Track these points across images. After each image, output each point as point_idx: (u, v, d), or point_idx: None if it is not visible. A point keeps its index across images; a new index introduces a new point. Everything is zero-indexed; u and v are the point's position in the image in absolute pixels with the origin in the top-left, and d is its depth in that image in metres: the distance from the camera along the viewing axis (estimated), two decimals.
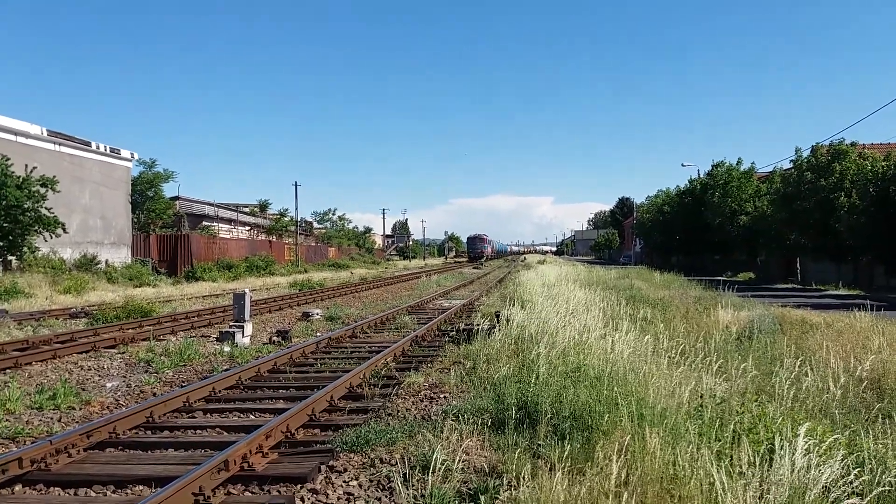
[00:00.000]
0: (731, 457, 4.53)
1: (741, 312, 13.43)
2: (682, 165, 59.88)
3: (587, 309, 12.01)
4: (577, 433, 5.44)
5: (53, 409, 7.67)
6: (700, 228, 49.33)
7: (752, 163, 47.60)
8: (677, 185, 61.01)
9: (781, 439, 4.38)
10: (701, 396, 5.94)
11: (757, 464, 4.24)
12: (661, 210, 62.19)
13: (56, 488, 5.26)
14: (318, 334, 13.78)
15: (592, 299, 14.21)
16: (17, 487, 5.25)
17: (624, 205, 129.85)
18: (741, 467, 4.24)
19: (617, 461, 4.18)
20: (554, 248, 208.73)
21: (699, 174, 52.97)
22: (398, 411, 7.18)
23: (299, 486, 5.13)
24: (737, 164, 47.66)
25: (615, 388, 5.89)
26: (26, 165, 27.40)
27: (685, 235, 53.99)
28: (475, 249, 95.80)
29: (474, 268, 63.08)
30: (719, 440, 4.87)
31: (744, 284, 33.43)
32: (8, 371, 9.94)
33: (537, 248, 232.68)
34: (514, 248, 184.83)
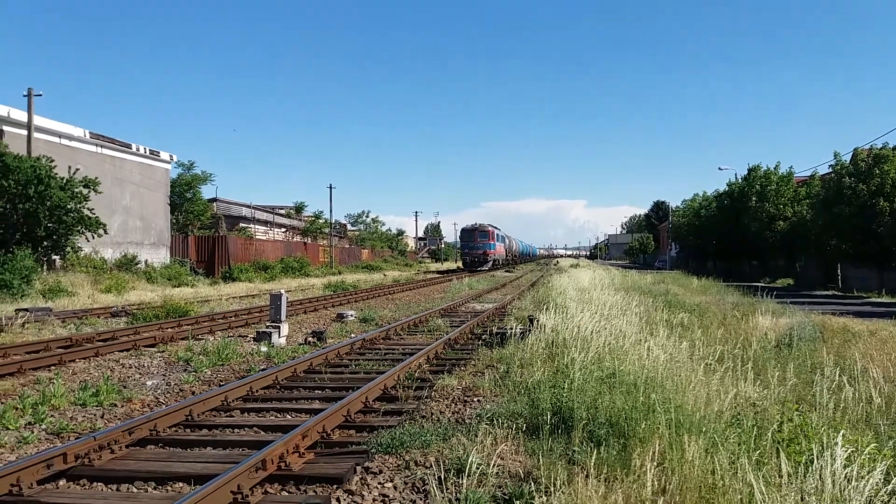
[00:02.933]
0: (772, 466, 4.46)
1: (780, 319, 13.18)
2: (719, 169, 59.31)
3: (622, 314, 11.91)
4: (613, 440, 5.40)
5: (96, 406, 7.86)
6: (737, 233, 48.48)
7: (791, 167, 46.71)
8: (715, 189, 60.07)
9: (822, 449, 4.30)
10: (740, 404, 5.86)
11: (798, 474, 4.16)
12: (697, 214, 61.31)
13: (99, 483, 5.39)
14: (353, 335, 13.89)
15: (627, 304, 14.08)
16: (62, 482, 5.39)
17: (659, 208, 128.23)
18: (781, 477, 4.17)
19: (654, 469, 4.15)
20: (587, 252, 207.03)
21: (736, 178, 52.06)
22: (432, 414, 7.20)
23: (335, 486, 5.18)
24: (774, 168, 46.79)
25: (652, 395, 5.83)
26: (69, 167, 28.13)
27: (722, 240, 53.12)
28: (472, 250, 59.59)
29: (506, 271, 62.69)
30: (759, 449, 4.80)
31: (782, 291, 32.78)
32: (53, 368, 10.22)
33: (570, 251, 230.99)
34: (543, 252, 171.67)
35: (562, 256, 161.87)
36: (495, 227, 64.56)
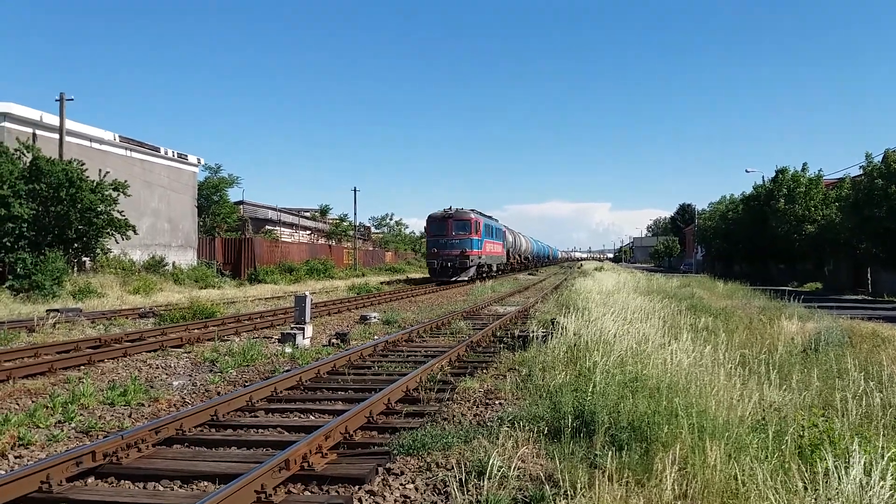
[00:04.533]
0: (794, 472, 4.41)
1: (808, 324, 13.00)
2: (747, 171, 58.15)
3: (646, 317, 11.83)
4: (635, 444, 5.38)
5: (124, 406, 8.00)
6: (764, 236, 47.86)
7: (820, 169, 46.03)
8: (742, 192, 59.40)
9: (847, 455, 4.25)
10: (764, 409, 5.80)
11: (822, 480, 4.12)
12: (724, 217, 60.65)
13: (126, 481, 5.48)
14: (376, 337, 13.97)
15: (652, 308, 13.98)
16: (91, 480, 5.48)
17: (685, 211, 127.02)
18: (805, 483, 4.12)
19: (676, 473, 4.13)
20: (611, 255, 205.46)
21: (763, 180, 51.39)
22: (453, 416, 7.22)
23: (357, 487, 5.22)
24: (802, 170, 46.13)
25: (675, 399, 5.80)
26: (100, 170, 28.65)
27: (749, 243, 52.47)
28: (443, 249, 39.58)
29: (529, 274, 61.94)
30: (781, 455, 4.75)
31: (810, 295, 32.27)
32: (82, 367, 10.43)
33: (593, 255, 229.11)
34: (564, 254, 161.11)
35: (584, 259, 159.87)
36: (485, 216, 43.70)
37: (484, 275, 43.49)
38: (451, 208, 40.38)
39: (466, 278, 38.82)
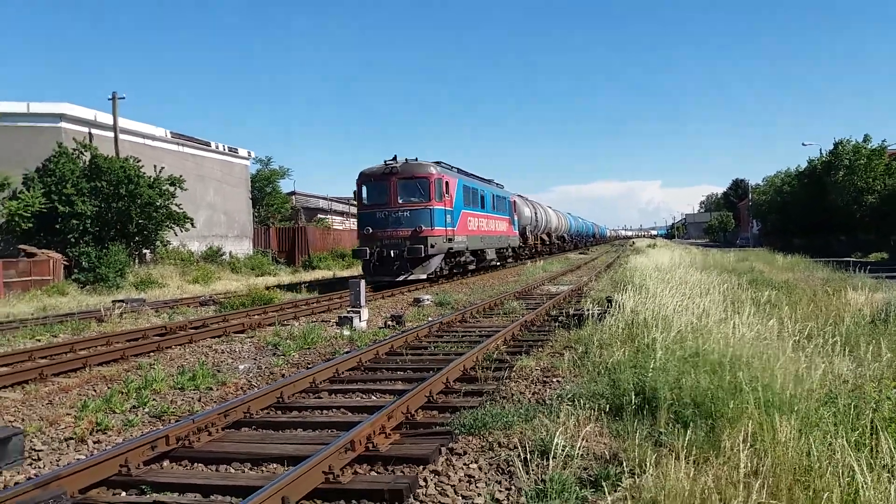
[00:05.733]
0: (870, 447, 4.29)
1: (876, 294, 12.53)
2: (803, 144, 56.56)
3: (706, 292, 11.60)
4: (699, 420, 5.31)
5: (193, 390, 8.26)
6: (822, 209, 46.39)
7: (884, 140, 44.33)
8: (797, 165, 57.56)
9: None
10: (832, 382, 5.64)
11: None
12: (779, 191, 58.90)
13: (199, 464, 5.64)
14: (430, 319, 14.07)
15: (710, 282, 13.69)
16: (165, 463, 5.67)
17: (738, 186, 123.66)
18: (883, 458, 4.01)
19: (745, 450, 4.06)
20: (663, 233, 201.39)
21: (821, 153, 49.70)
22: (512, 395, 7.24)
23: (421, 467, 5.29)
24: (864, 141, 44.51)
25: (739, 374, 5.68)
26: (155, 166, 29.46)
27: (806, 216, 50.92)
28: (384, 229, 22.84)
29: (580, 253, 60.86)
30: (856, 429, 4.62)
31: (876, 265, 31.03)
32: (152, 354, 10.81)
33: (642, 233, 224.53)
34: (611, 232, 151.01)
35: (635, 237, 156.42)
36: (467, 174, 28.63)
37: (466, 267, 27.59)
38: (395, 159, 23.41)
39: (424, 276, 22.69)
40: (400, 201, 23.13)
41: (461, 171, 27.89)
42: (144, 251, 30.20)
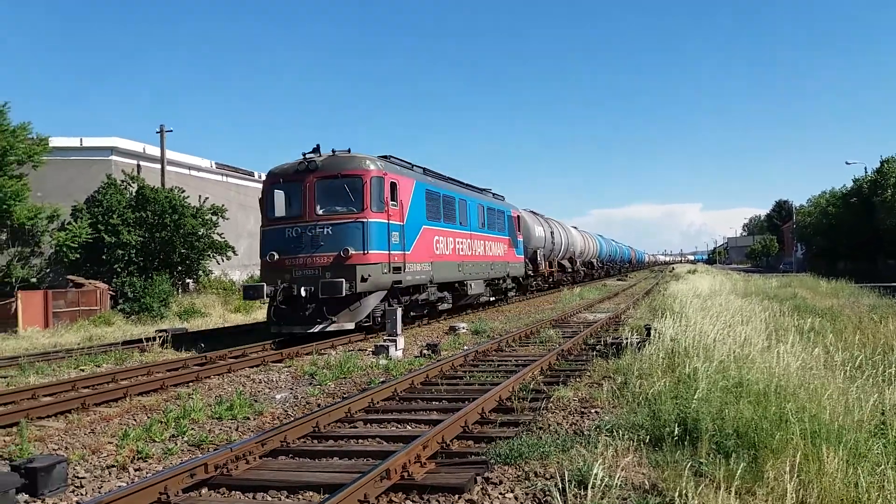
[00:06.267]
0: None
1: None
2: (847, 164, 54.97)
3: (747, 320, 11.35)
4: (742, 451, 5.17)
5: (231, 419, 8.35)
6: (869, 230, 45.09)
7: None
8: (843, 185, 56.21)
9: None
10: (883, 413, 5.45)
11: None
12: (825, 212, 57.53)
13: (237, 492, 5.69)
14: (466, 347, 14.02)
15: (752, 310, 13.40)
16: (204, 490, 5.72)
17: (781, 208, 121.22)
18: None
19: (791, 480, 3.94)
20: (704, 258, 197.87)
21: (866, 172, 48.47)
22: (549, 425, 7.15)
23: (456, 496, 5.25)
24: None
25: (785, 405, 5.53)
26: (199, 196, 30.22)
27: (852, 239, 49.53)
28: (294, 256, 15.36)
29: (619, 280, 60.07)
30: None
31: None
32: (191, 384, 10.97)
33: (681, 258, 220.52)
34: (649, 258, 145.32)
35: (676, 263, 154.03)
36: (434, 175, 20.81)
37: (436, 308, 20.28)
38: (317, 150, 16.54)
39: (352, 325, 15.67)
40: (319, 212, 15.70)
41: (428, 172, 20.11)
42: (188, 280, 30.83)
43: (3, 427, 8.14)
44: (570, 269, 41.57)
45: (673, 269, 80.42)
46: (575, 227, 48.70)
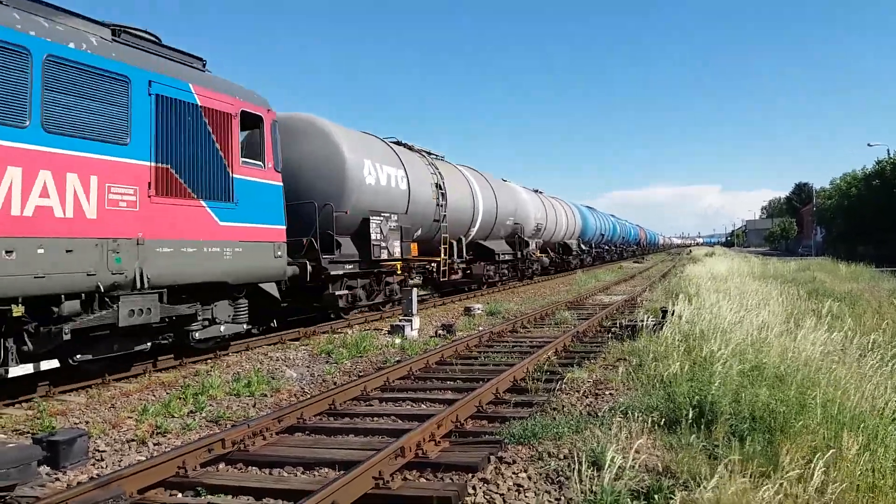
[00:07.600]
0: None
1: None
2: (869, 145, 54.18)
3: (765, 304, 11.27)
4: (757, 435, 5.15)
5: (248, 396, 8.44)
6: (891, 213, 44.42)
7: None
8: (864, 167, 55.29)
9: None
10: None
11: None
12: (846, 195, 56.72)
13: (253, 468, 5.78)
14: (480, 328, 14.04)
15: (769, 293, 13.30)
16: (221, 466, 5.83)
17: (801, 191, 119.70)
18: None
19: (805, 465, 3.92)
20: (722, 241, 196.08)
21: (889, 154, 47.65)
22: (563, 406, 7.16)
23: (470, 474, 5.29)
24: None
25: (803, 389, 5.50)
26: None
27: (873, 222, 48.82)
28: None
29: (634, 262, 59.73)
30: None
31: None
32: (209, 361, 11.08)
33: (698, 240, 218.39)
34: (663, 240, 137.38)
35: (691, 245, 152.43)
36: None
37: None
38: None
39: None
40: None
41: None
42: None
43: (26, 400, 8.26)
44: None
45: (690, 251, 79.86)
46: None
